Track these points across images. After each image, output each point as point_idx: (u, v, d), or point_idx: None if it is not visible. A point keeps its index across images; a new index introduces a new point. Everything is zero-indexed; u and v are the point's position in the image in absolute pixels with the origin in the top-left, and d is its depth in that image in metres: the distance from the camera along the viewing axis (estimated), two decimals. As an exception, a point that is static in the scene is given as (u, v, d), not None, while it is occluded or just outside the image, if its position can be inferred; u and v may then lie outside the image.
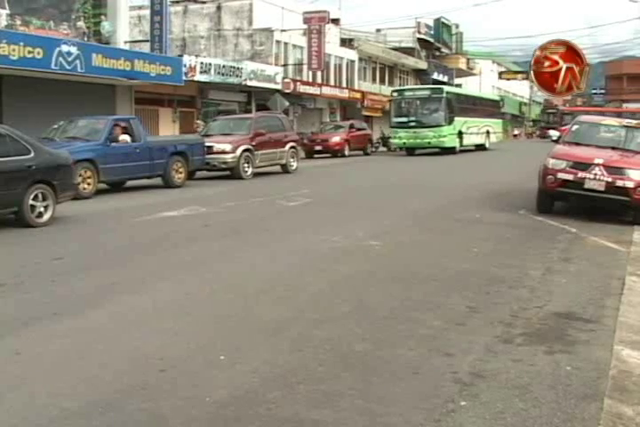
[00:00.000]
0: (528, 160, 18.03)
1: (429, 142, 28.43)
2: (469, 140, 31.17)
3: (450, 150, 28.91)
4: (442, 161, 25.28)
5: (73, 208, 10.69)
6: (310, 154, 27.94)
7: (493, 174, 18.49)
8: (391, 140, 30.62)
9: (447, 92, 29.49)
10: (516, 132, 64.70)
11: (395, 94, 30.86)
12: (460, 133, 29.71)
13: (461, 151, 29.85)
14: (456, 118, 29.05)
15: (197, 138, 17.31)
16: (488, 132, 33.89)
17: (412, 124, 28.92)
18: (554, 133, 26.50)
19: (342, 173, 20.37)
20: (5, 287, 5.79)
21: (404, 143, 29.29)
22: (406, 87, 36.90)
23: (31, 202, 9.14)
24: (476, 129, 32.04)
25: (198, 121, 25.18)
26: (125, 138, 14.22)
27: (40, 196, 9.30)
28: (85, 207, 11.34)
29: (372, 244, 7.86)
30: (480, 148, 32.82)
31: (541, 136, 54.24)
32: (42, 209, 9.33)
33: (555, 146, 11.74)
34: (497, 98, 42.52)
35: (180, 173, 15.45)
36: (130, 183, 15.15)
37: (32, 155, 9.31)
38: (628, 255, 7.48)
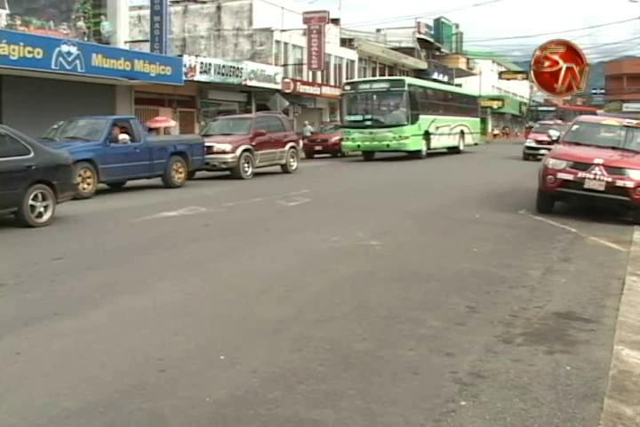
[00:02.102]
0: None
1: (388, 145, 24.08)
2: (439, 142, 27.04)
3: (414, 154, 24.87)
4: (440, 162, 25.27)
5: (73, 208, 10.69)
6: (310, 154, 27.92)
7: (491, 175, 18.49)
8: (343, 143, 25.63)
9: (410, 85, 25.02)
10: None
11: (347, 88, 26.12)
12: (427, 134, 25.58)
13: (431, 155, 26.02)
14: (422, 116, 24.98)
15: (197, 138, 17.27)
16: (462, 133, 29.78)
17: (368, 123, 24.46)
18: (554, 134, 25.38)
19: (342, 173, 20.37)
20: (5, 287, 5.79)
21: (359, 146, 24.83)
22: (361, 79, 32.05)
23: (31, 202, 9.14)
24: (447, 129, 27.83)
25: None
26: (125, 138, 14.22)
27: (40, 196, 9.29)
28: (85, 207, 11.33)
29: (372, 244, 7.86)
30: (453, 150, 29.03)
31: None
32: (42, 209, 9.32)
33: (555, 146, 11.75)
34: (474, 94, 38.17)
35: (180, 173, 15.44)
36: (130, 183, 15.14)
37: (32, 155, 9.30)
38: (628, 255, 7.49)
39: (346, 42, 39.22)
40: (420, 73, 46.00)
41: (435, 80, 40.65)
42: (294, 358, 4.06)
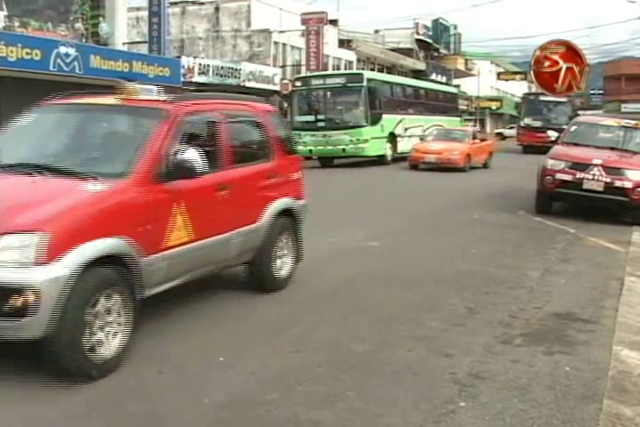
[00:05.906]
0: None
1: (344, 150, 20.72)
2: (408, 146, 22.33)
3: (378, 159, 21.59)
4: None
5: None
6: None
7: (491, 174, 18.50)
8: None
9: (370, 80, 21.69)
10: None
11: (297, 84, 22.64)
12: (393, 136, 22.34)
13: (398, 159, 22.17)
14: (385, 116, 21.74)
15: None
16: None
17: (321, 124, 21.23)
18: (552, 134, 24.14)
19: (341, 174, 20.33)
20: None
21: (311, 151, 20.81)
22: (313, 74, 26.93)
23: None
24: (418, 130, 24.14)
25: None
26: None
27: None
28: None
29: (372, 244, 7.86)
30: None
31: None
32: None
33: (554, 147, 11.75)
34: (453, 90, 33.88)
35: None
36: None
37: None
38: (626, 256, 7.49)
39: (344, 43, 39.19)
40: (418, 74, 46.04)
41: (432, 81, 40.54)
42: (293, 360, 4.06)
